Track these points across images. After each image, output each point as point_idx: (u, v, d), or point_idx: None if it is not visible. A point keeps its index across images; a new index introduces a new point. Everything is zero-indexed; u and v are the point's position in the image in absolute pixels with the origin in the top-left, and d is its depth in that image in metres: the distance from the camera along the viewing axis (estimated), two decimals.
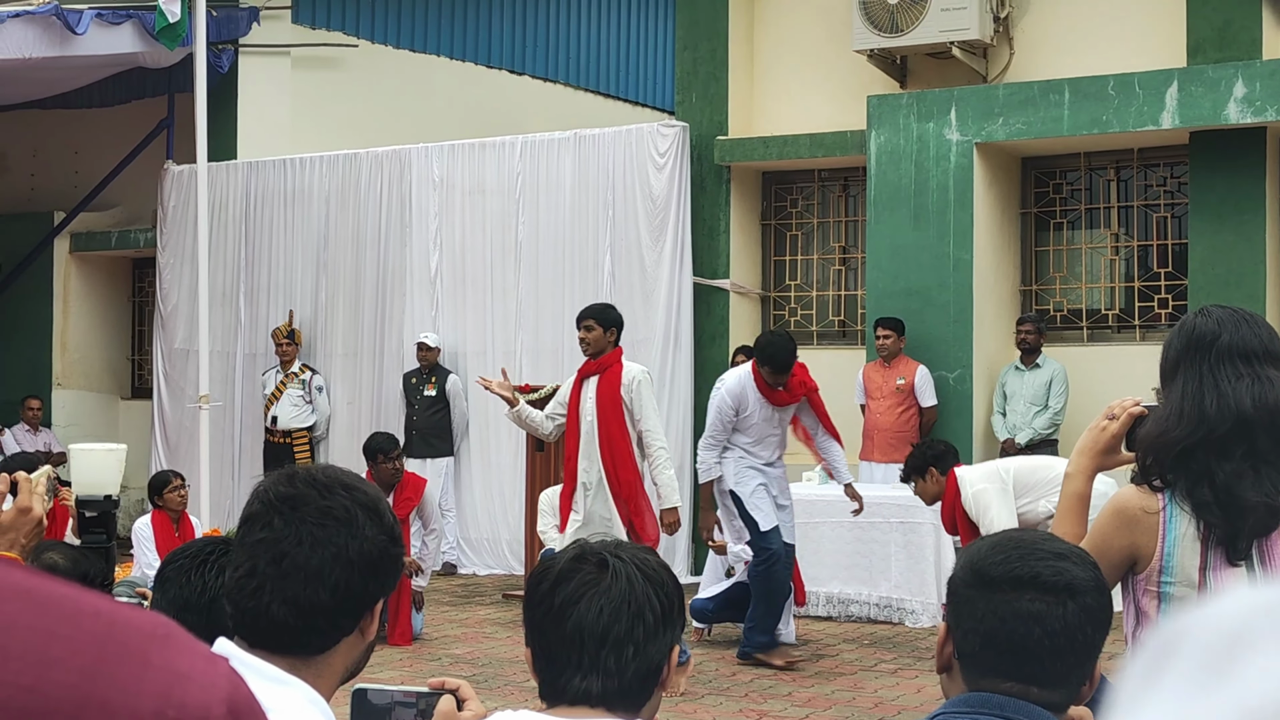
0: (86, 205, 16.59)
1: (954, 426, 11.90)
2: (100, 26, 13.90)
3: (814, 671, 9.46)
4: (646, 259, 13.17)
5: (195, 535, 10.41)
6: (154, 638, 0.96)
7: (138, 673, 0.93)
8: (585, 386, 8.85)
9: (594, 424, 8.79)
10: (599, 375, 8.79)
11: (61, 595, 0.95)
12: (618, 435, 8.76)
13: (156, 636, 0.96)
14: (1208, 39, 11.51)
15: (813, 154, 13.12)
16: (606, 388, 8.73)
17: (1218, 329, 3.23)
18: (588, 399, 8.80)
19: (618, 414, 8.73)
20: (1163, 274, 12.14)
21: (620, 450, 8.76)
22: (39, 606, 0.93)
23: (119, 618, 0.96)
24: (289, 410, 14.28)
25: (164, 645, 0.96)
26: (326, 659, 2.21)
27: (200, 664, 0.97)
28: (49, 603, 0.94)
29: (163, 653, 0.95)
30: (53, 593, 0.94)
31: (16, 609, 0.92)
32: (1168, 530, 3.17)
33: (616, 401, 8.72)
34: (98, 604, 0.96)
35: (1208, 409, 3.15)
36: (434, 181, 14.16)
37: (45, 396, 16.40)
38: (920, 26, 12.10)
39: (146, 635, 0.96)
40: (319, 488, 2.21)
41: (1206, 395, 3.16)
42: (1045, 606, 2.30)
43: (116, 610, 0.96)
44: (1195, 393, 3.17)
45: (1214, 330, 3.23)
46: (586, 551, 2.30)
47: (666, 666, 2.28)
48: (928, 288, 12.04)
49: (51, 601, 0.94)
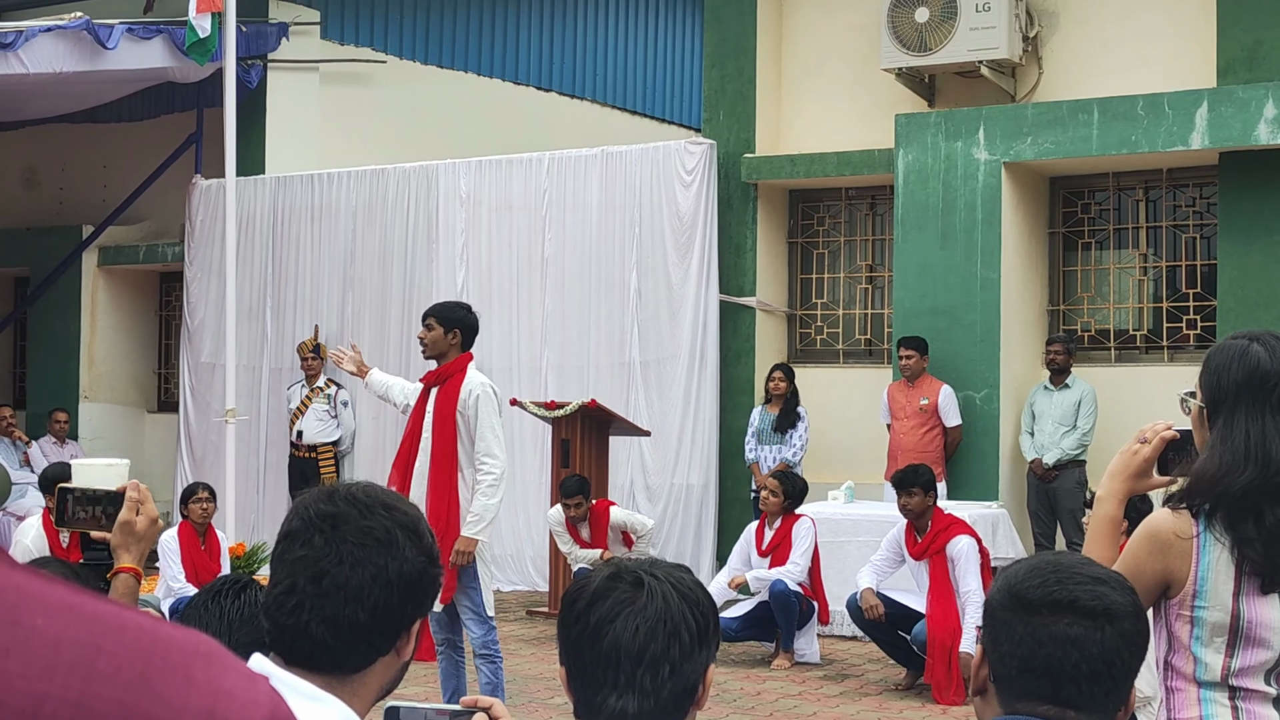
0: (115, 219, 16.66)
1: (980, 447, 11.87)
2: (131, 41, 13.97)
3: (839, 692, 9.43)
4: (673, 276, 13.17)
5: (221, 549, 10.45)
6: (197, 655, 0.97)
7: (182, 689, 0.94)
8: (430, 398, 7.80)
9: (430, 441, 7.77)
10: (439, 386, 7.77)
11: (107, 611, 0.95)
12: (441, 459, 7.69)
13: (200, 654, 0.97)
14: (1238, 59, 11.48)
15: (840, 172, 13.11)
16: (444, 401, 7.68)
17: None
18: (430, 412, 7.76)
19: (449, 434, 7.66)
20: (1191, 295, 12.09)
21: (440, 476, 7.70)
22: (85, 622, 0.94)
23: (163, 634, 0.96)
24: (314, 425, 14.31)
25: (207, 662, 0.97)
26: (362, 678, 2.21)
27: (242, 682, 0.98)
28: (94, 618, 0.94)
29: (206, 670, 0.96)
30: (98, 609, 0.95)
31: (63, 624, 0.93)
32: (1201, 555, 3.15)
33: (450, 419, 7.66)
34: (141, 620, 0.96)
35: (1272, 455, 3.12)
36: (461, 197, 14.18)
37: (72, 409, 16.45)
38: (949, 45, 12.10)
39: (190, 652, 0.96)
40: (360, 507, 2.21)
41: (1270, 441, 3.13)
42: (1083, 631, 2.29)
43: (160, 627, 0.97)
44: (1259, 437, 3.14)
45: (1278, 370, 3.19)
46: (622, 570, 2.30)
47: (702, 686, 2.27)
48: (955, 307, 12.01)
49: (97, 617, 0.94)
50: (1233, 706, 3.16)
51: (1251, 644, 3.14)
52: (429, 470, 7.69)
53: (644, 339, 13.23)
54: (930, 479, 9.48)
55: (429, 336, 7.79)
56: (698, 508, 13.02)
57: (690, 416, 13.04)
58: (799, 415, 12.48)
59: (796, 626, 10.23)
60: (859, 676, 9.90)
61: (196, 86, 15.30)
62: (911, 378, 11.88)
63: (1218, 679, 3.16)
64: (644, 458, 12.91)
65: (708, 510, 13.03)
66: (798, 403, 12.54)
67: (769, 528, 10.45)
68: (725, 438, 13.14)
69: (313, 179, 15.02)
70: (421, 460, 7.74)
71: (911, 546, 9.51)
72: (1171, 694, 3.23)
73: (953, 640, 9.12)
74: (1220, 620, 3.14)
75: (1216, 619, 3.14)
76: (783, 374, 12.59)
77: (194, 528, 10.35)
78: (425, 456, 7.73)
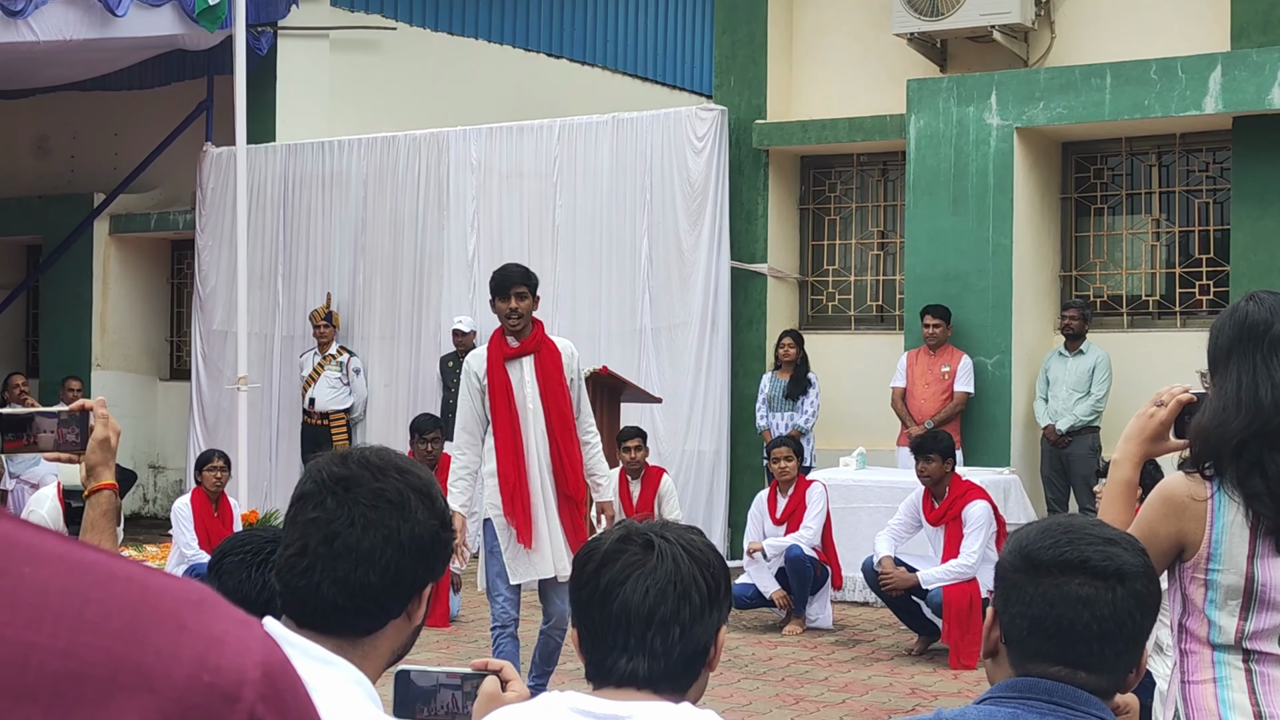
0: (126, 187, 16.65)
1: (992, 412, 11.86)
2: (140, 9, 13.94)
3: (850, 657, 9.45)
4: (684, 243, 13.15)
5: (234, 516, 10.47)
6: (188, 603, 0.96)
7: (173, 637, 0.93)
8: (523, 368, 7.39)
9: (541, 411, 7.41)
10: (534, 355, 7.40)
11: (95, 560, 0.95)
12: (561, 427, 7.44)
13: (191, 601, 0.96)
14: (1252, 23, 11.41)
15: (851, 138, 13.07)
16: (547, 368, 7.40)
17: (1270, 317, 3.20)
18: (530, 383, 7.38)
19: (563, 399, 7.41)
20: (1204, 260, 12.05)
21: (567, 443, 7.46)
22: (73, 571, 0.93)
23: (153, 583, 0.96)
24: (326, 392, 14.32)
25: (198, 610, 0.96)
26: (373, 641, 2.21)
27: (235, 628, 0.97)
28: (83, 567, 0.94)
29: (197, 617, 0.95)
30: (86, 557, 0.94)
31: (51, 573, 0.92)
32: (1216, 518, 3.14)
33: (559, 383, 7.40)
34: (131, 569, 0.96)
35: (1263, 400, 3.12)
36: (472, 164, 14.16)
37: (85, 377, 16.48)
38: (961, 10, 12.04)
39: (181, 600, 0.96)
40: (372, 469, 2.21)
41: (1261, 386, 3.13)
42: (1094, 591, 2.28)
43: (150, 575, 0.96)
44: (1250, 384, 3.14)
45: (1267, 319, 3.19)
46: (632, 532, 2.30)
47: (713, 648, 2.27)
48: (967, 273, 11.98)
49: (86, 566, 0.94)
50: (1246, 669, 3.15)
51: (1266, 607, 3.13)
52: (549, 441, 7.34)
53: (655, 306, 13.22)
54: (949, 445, 9.52)
55: (524, 306, 7.30)
56: (709, 474, 13.02)
57: (701, 383, 13.03)
58: (810, 382, 12.47)
59: (810, 591, 10.25)
60: (870, 642, 9.91)
61: (207, 54, 15.27)
62: (934, 346, 11.86)
63: (1232, 642, 3.16)
64: (655, 424, 12.90)
65: (719, 477, 13.04)
66: (808, 369, 12.53)
67: (782, 495, 10.45)
68: (737, 404, 13.13)
69: (323, 146, 15.00)
70: (533, 433, 7.34)
71: (929, 512, 9.53)
72: (1185, 657, 3.23)
73: (969, 603, 9.16)
74: (1234, 583, 3.13)
75: (1231, 582, 3.14)
76: (792, 340, 12.57)
77: (207, 495, 10.38)
78: (538, 429, 7.34)
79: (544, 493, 7.40)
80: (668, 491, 11.02)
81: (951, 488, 9.47)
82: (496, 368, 7.38)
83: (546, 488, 7.41)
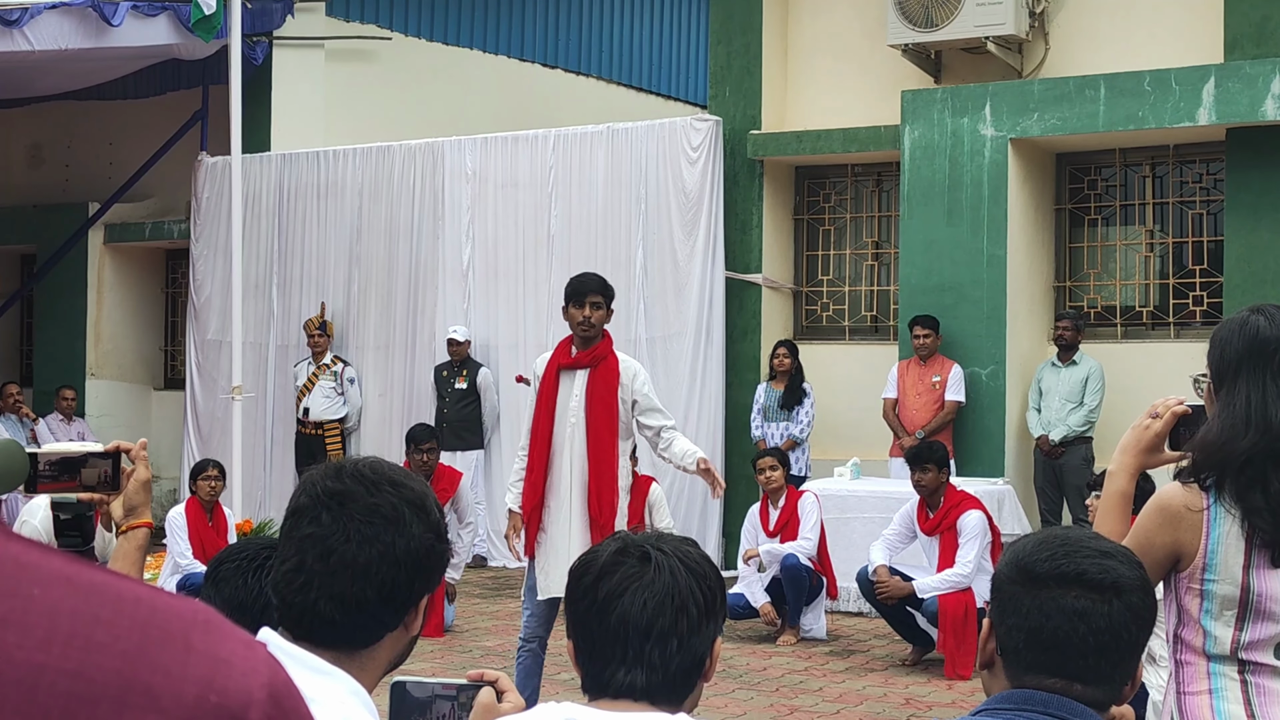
0: (121, 196, 16.64)
1: (986, 423, 11.86)
2: (136, 18, 13.95)
3: (845, 667, 9.45)
4: (679, 253, 13.16)
5: (228, 525, 10.46)
6: (195, 623, 0.97)
7: (180, 658, 0.94)
8: (575, 379, 7.32)
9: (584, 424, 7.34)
10: (591, 368, 7.31)
11: (103, 581, 0.95)
12: (601, 443, 7.41)
13: (198, 622, 0.97)
14: (1245, 35, 11.44)
15: (846, 149, 13.08)
16: (602, 383, 7.31)
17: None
18: (579, 395, 7.28)
19: (610, 417, 7.33)
20: (1198, 271, 12.07)
21: (603, 460, 7.42)
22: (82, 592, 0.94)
23: (160, 604, 0.96)
24: (321, 402, 14.32)
25: (205, 631, 0.97)
26: (370, 653, 2.22)
27: (240, 650, 0.98)
28: (91, 588, 0.94)
29: (204, 638, 0.96)
30: (95, 579, 0.95)
31: (60, 594, 0.93)
32: (1212, 528, 3.15)
33: (610, 403, 7.33)
34: (138, 590, 0.96)
35: (1272, 420, 3.12)
36: (466, 174, 14.17)
37: (79, 386, 16.47)
38: (955, 21, 12.06)
39: (188, 621, 0.97)
40: (367, 484, 2.21)
41: (1270, 405, 3.14)
42: (1090, 604, 2.29)
43: (158, 596, 0.97)
44: (1260, 403, 3.14)
45: (1279, 337, 3.19)
46: (629, 545, 2.30)
47: (709, 659, 2.28)
48: (961, 284, 12.00)
49: (94, 587, 0.94)
50: (1242, 680, 3.16)
51: (1261, 617, 3.14)
52: (586, 460, 7.24)
53: (650, 316, 13.22)
54: (944, 455, 9.56)
55: (598, 316, 7.18)
56: (703, 484, 12.96)
57: (696, 393, 13.04)
58: (805, 392, 12.48)
59: (805, 601, 10.25)
60: (865, 652, 9.91)
61: (202, 64, 15.27)
62: (925, 356, 11.87)
63: (1227, 652, 3.16)
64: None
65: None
66: (803, 379, 12.54)
67: (773, 507, 10.46)
68: (731, 414, 13.13)
69: (318, 156, 15.01)
70: (568, 449, 7.26)
71: (924, 522, 9.54)
72: (1181, 668, 3.23)
73: (965, 612, 9.16)
74: (1230, 593, 3.14)
75: (1226, 592, 3.14)
76: (786, 350, 12.58)
77: (201, 504, 10.37)
78: (576, 445, 7.24)
79: (571, 510, 7.27)
80: (657, 500, 10.98)
81: (946, 498, 9.49)
82: (549, 375, 7.30)
83: (575, 505, 7.28)
